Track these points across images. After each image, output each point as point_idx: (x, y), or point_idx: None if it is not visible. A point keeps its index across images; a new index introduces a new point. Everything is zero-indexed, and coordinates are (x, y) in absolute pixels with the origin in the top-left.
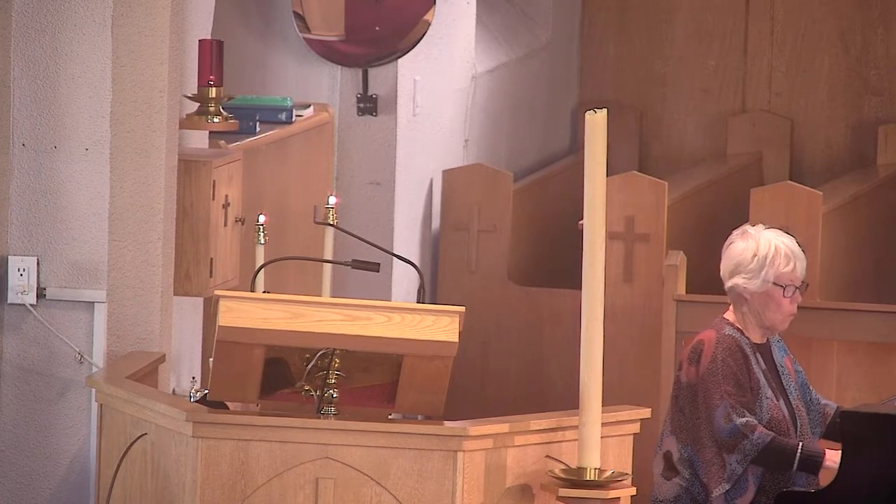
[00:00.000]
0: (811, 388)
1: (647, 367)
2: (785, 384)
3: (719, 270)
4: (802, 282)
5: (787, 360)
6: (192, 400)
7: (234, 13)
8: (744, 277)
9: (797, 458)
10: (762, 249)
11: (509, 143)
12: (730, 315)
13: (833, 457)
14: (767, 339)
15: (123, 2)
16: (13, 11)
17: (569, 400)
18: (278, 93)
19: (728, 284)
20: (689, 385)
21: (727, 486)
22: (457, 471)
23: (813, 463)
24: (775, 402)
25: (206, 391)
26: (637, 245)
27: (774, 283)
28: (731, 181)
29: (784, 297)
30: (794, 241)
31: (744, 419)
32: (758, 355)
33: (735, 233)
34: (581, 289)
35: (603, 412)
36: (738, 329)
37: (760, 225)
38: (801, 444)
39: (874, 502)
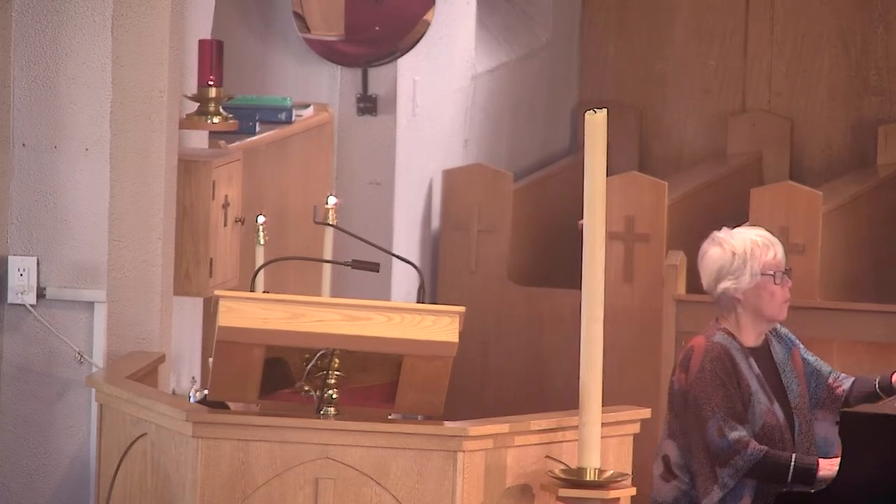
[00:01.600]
0: (824, 365)
1: (647, 368)
2: (785, 384)
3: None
4: (786, 268)
5: (796, 352)
6: (192, 400)
7: (234, 13)
8: (731, 279)
9: (790, 471)
10: (739, 247)
11: (509, 143)
12: (722, 320)
13: (827, 465)
14: (765, 340)
15: (123, 2)
16: (13, 11)
17: (569, 400)
18: (278, 93)
19: (717, 292)
20: (681, 391)
21: (717, 497)
22: (457, 471)
23: (807, 474)
24: (769, 406)
25: (207, 391)
26: (637, 245)
27: (762, 274)
28: (731, 181)
29: (775, 284)
30: (765, 231)
31: (736, 434)
32: (751, 360)
33: (704, 245)
34: (581, 289)
35: (603, 412)
36: (729, 334)
37: (725, 228)
38: (793, 456)
39: (874, 502)
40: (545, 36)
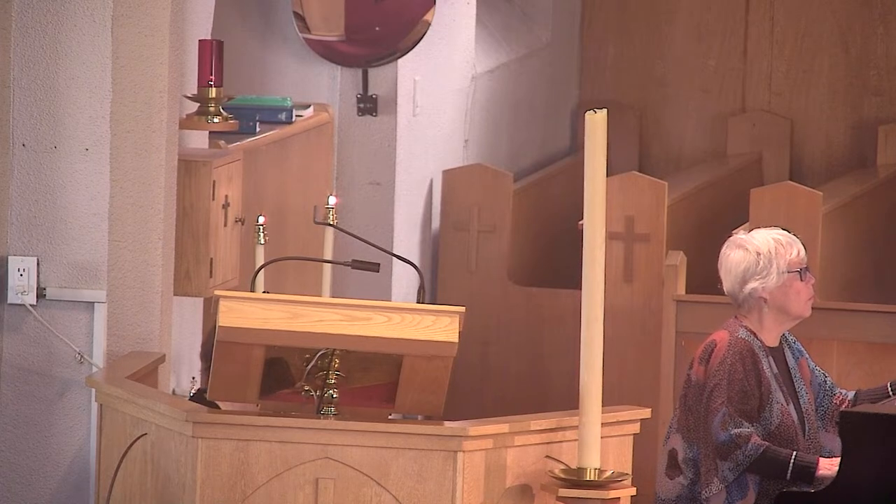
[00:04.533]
0: (827, 378)
1: (647, 367)
2: (797, 388)
3: (720, 279)
4: (807, 266)
5: (803, 362)
6: (189, 398)
7: (234, 13)
8: (758, 279)
9: (790, 468)
10: (763, 247)
11: (509, 143)
12: (743, 318)
13: (827, 465)
14: (781, 343)
15: (123, 2)
16: (13, 11)
17: (569, 400)
18: (278, 93)
19: (743, 293)
20: (698, 384)
21: (716, 489)
22: (457, 471)
23: (806, 472)
24: (786, 406)
25: (200, 388)
26: (637, 245)
27: (788, 272)
28: (731, 181)
29: (801, 281)
30: (783, 230)
31: (738, 430)
32: (770, 359)
33: (724, 249)
34: (581, 289)
35: (603, 412)
36: (751, 332)
37: (742, 231)
38: (794, 453)
39: (874, 502)
40: (545, 36)
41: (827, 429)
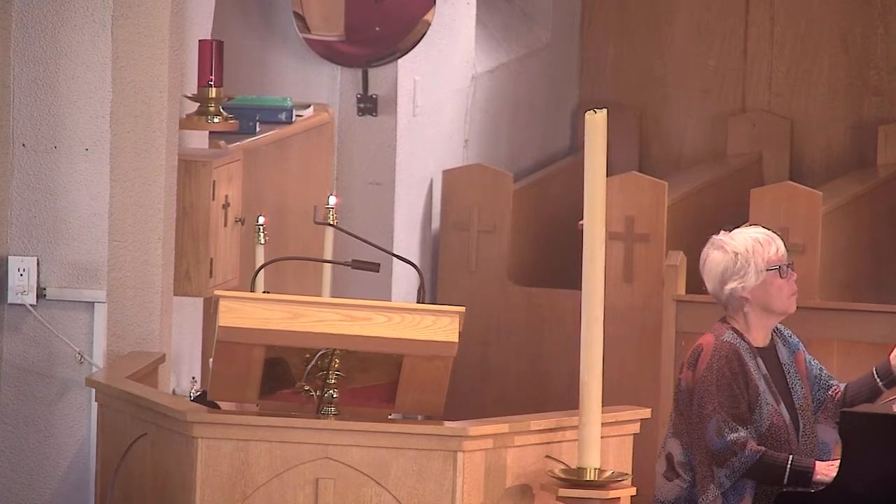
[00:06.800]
0: (822, 371)
1: (647, 368)
2: (790, 385)
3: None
4: (789, 261)
5: (800, 356)
6: (191, 399)
7: (234, 13)
8: (736, 279)
9: (787, 473)
10: (740, 247)
11: (509, 143)
12: (730, 319)
13: (824, 469)
14: (773, 340)
15: (123, 2)
16: (13, 11)
17: (569, 400)
18: (278, 93)
19: (724, 294)
20: (688, 388)
21: (713, 496)
22: (457, 471)
23: (802, 476)
24: (776, 407)
25: (203, 390)
26: (637, 245)
27: (767, 269)
28: (731, 181)
29: (781, 278)
30: (763, 228)
31: (734, 435)
32: (759, 360)
33: (704, 250)
34: (581, 289)
35: (603, 412)
36: (738, 334)
37: (723, 231)
38: (790, 458)
39: (874, 502)
40: (545, 36)
41: (820, 420)
